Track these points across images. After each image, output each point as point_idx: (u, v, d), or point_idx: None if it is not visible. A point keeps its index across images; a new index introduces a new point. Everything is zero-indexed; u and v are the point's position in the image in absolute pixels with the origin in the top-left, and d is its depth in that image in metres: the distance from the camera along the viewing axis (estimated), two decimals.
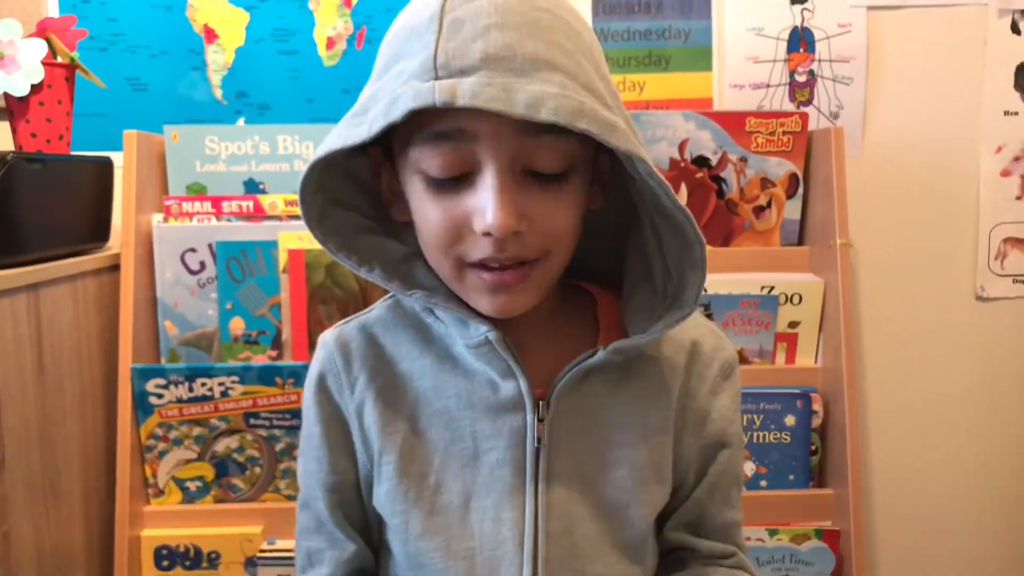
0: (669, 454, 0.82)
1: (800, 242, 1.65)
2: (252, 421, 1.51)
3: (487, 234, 0.69)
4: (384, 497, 0.80)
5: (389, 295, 0.86)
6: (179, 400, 1.49)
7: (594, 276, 0.86)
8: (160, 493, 1.52)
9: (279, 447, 1.52)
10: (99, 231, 1.51)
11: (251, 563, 1.49)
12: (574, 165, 0.72)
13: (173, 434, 1.50)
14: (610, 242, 0.84)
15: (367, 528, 0.86)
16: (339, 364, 0.82)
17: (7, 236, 1.22)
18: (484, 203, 0.68)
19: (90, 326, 1.44)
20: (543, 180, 0.71)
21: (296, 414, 1.51)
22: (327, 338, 0.85)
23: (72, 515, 1.38)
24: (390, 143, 0.76)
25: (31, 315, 1.26)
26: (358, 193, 0.81)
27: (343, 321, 0.87)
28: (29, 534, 1.24)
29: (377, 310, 0.86)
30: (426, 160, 0.70)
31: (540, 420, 0.77)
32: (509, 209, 0.68)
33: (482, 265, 0.72)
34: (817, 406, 1.57)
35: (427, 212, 0.72)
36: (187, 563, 1.50)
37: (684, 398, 0.83)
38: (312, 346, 1.58)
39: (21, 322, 1.23)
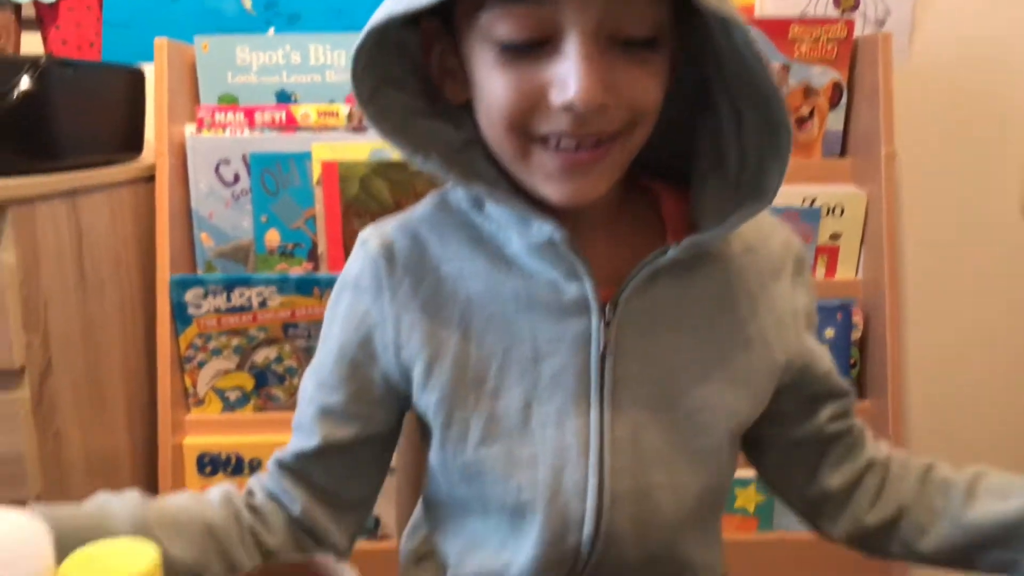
0: (744, 357, 0.78)
1: (843, 153, 1.61)
2: (290, 332, 1.52)
3: (568, 108, 0.64)
4: (436, 407, 0.76)
5: (433, 193, 0.83)
6: (217, 310, 1.49)
7: (653, 173, 0.82)
8: (200, 402, 1.54)
9: None
10: (133, 142, 1.50)
11: None
12: (662, 34, 0.67)
13: (212, 344, 1.51)
14: (671, 133, 0.78)
15: (347, 480, 0.80)
16: (381, 265, 0.77)
17: (43, 141, 1.21)
18: (566, 73, 0.63)
19: (127, 236, 1.45)
20: (630, 48, 0.65)
21: None
22: (368, 237, 0.80)
23: (116, 421, 1.41)
24: (448, 15, 0.71)
25: (71, 222, 1.26)
26: (410, 73, 0.75)
27: (384, 220, 0.82)
28: (77, 437, 1.27)
29: (421, 209, 0.81)
30: (500, 24, 0.65)
31: (606, 324, 0.75)
32: (595, 79, 0.63)
33: (554, 145, 0.67)
34: (857, 319, 1.56)
35: (495, 85, 0.67)
36: (229, 470, 1.52)
37: (759, 298, 0.79)
38: (348, 259, 1.58)
39: (61, 229, 1.23)
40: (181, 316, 1.49)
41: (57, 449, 1.21)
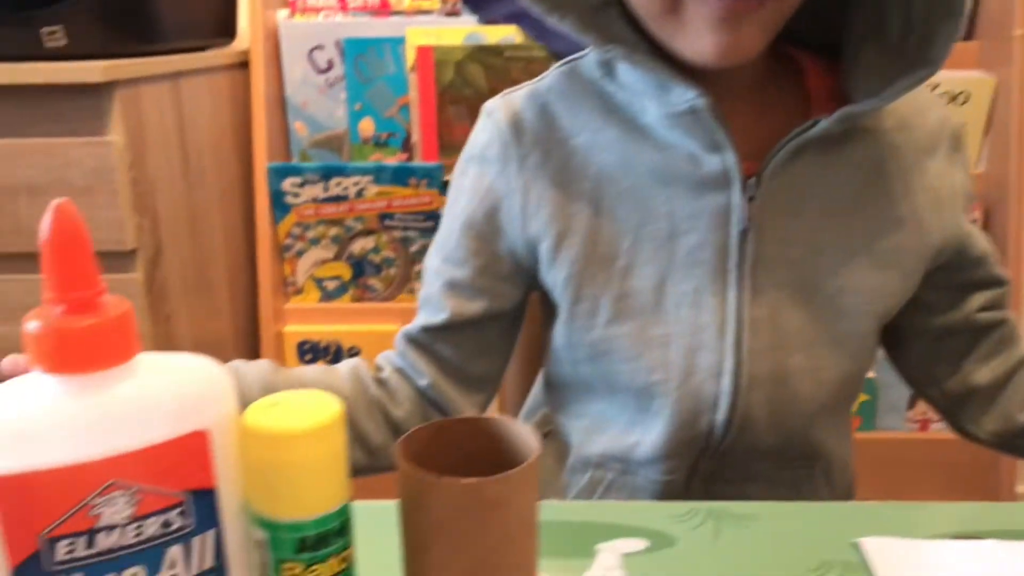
0: (894, 237, 0.73)
1: (969, 36, 1.50)
2: (387, 222, 1.51)
3: None
4: (564, 284, 0.74)
5: (560, 63, 0.79)
6: (314, 200, 1.49)
7: (798, 43, 0.76)
8: (299, 291, 1.55)
9: (413, 248, 1.52)
10: (227, 26, 1.47)
11: None
12: None
13: (310, 234, 1.51)
14: (819, 2, 0.74)
15: (475, 356, 0.79)
16: (508, 136, 0.74)
17: (145, 23, 1.20)
18: None
19: (225, 124, 1.44)
20: None
21: (430, 216, 1.49)
22: (494, 107, 0.76)
23: (220, 308, 1.42)
24: None
25: (173, 106, 1.25)
26: None
27: (510, 90, 0.79)
28: (186, 322, 1.29)
29: (549, 79, 0.78)
30: None
31: (748, 199, 0.71)
32: None
33: None
34: (976, 213, 1.47)
35: None
36: (328, 359, 1.54)
37: (912, 175, 0.75)
38: (443, 147, 1.55)
39: (165, 112, 1.22)
40: (279, 205, 1.49)
41: (168, 333, 1.23)
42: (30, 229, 1.16)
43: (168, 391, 0.36)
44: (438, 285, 0.77)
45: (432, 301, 0.78)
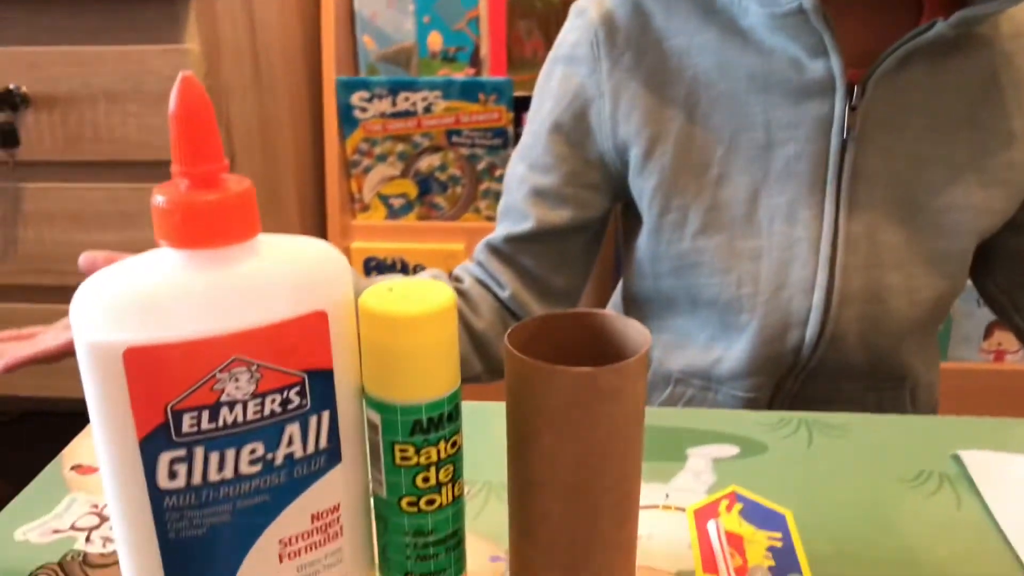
0: (1004, 154, 0.69)
1: None
2: (454, 139, 1.49)
3: None
4: (653, 192, 0.72)
5: None
6: (383, 115, 1.48)
7: None
8: (366, 208, 1.55)
9: (480, 167, 1.51)
10: None
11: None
12: None
13: (377, 150, 1.51)
14: None
15: (557, 267, 0.78)
16: (600, 35, 0.72)
17: None
18: None
19: (295, 36, 1.42)
20: None
21: (498, 133, 1.48)
22: (586, 5, 0.74)
23: (290, 222, 1.44)
24: None
25: (245, 16, 1.24)
26: None
27: None
28: None
29: None
30: None
31: (851, 108, 0.68)
32: None
33: None
34: None
35: None
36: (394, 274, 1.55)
37: None
38: (512, 63, 1.52)
39: (238, 22, 1.22)
40: (347, 119, 1.48)
41: None
42: (109, 136, 1.18)
43: (289, 270, 0.36)
44: (523, 192, 0.76)
45: (516, 209, 0.77)
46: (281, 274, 0.36)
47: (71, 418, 0.68)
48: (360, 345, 0.38)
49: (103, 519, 0.51)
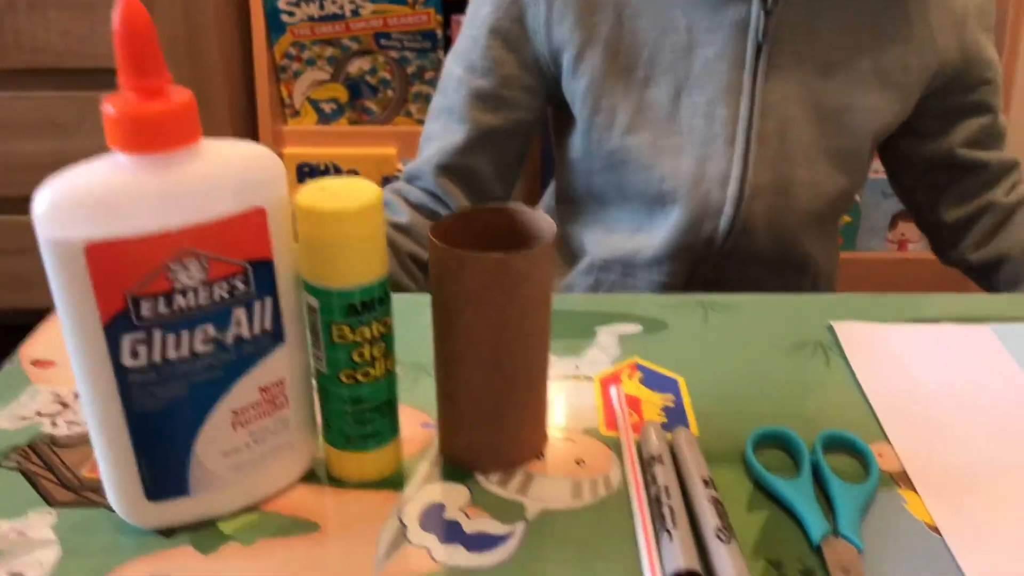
0: (901, 54, 0.75)
1: None
2: (383, 42, 1.50)
3: None
4: (584, 94, 0.77)
5: None
6: (310, 18, 1.47)
7: None
8: (296, 113, 1.56)
9: (410, 70, 1.52)
10: None
11: (387, 181, 1.57)
12: None
13: (306, 54, 1.51)
14: None
15: (494, 176, 0.82)
16: None
17: None
18: None
19: None
20: None
21: (427, 36, 1.49)
22: None
23: (220, 130, 1.44)
24: None
25: None
26: None
27: None
28: None
29: None
30: None
31: (767, 13, 0.72)
32: None
33: None
34: None
35: None
36: None
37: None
38: None
39: None
40: (274, 23, 1.48)
41: None
42: (32, 45, 1.16)
43: (231, 171, 0.40)
44: (461, 95, 0.80)
45: (453, 111, 0.80)
46: (223, 175, 0.40)
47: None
48: (297, 238, 0.43)
49: (65, 406, 0.55)
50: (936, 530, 0.45)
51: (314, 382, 0.47)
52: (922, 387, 0.56)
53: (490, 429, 0.48)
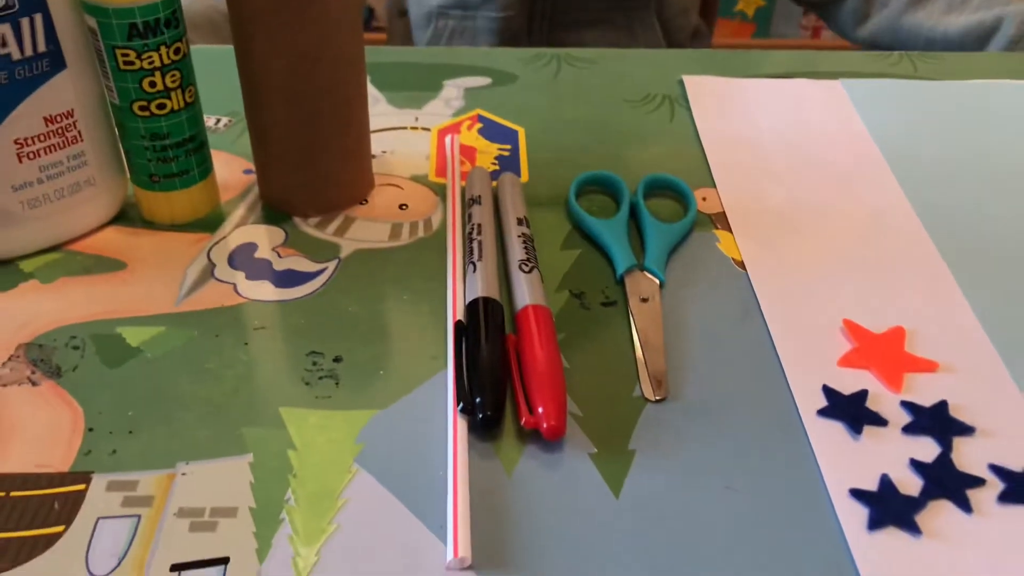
0: None
1: None
2: None
3: None
4: None
5: None
6: None
7: None
8: None
9: None
10: None
11: None
12: None
13: None
14: None
15: None
16: None
17: None
18: None
19: None
20: None
21: None
22: None
23: None
24: None
25: None
26: None
27: None
28: None
29: None
30: None
31: None
32: None
33: None
34: None
35: None
36: None
37: None
38: None
39: None
40: None
41: None
42: None
43: None
44: None
45: None
46: None
47: None
48: None
49: None
50: (742, 265, 0.46)
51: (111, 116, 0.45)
52: (760, 137, 0.56)
53: (304, 172, 0.47)
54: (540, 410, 0.35)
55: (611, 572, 0.31)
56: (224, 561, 0.31)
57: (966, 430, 0.37)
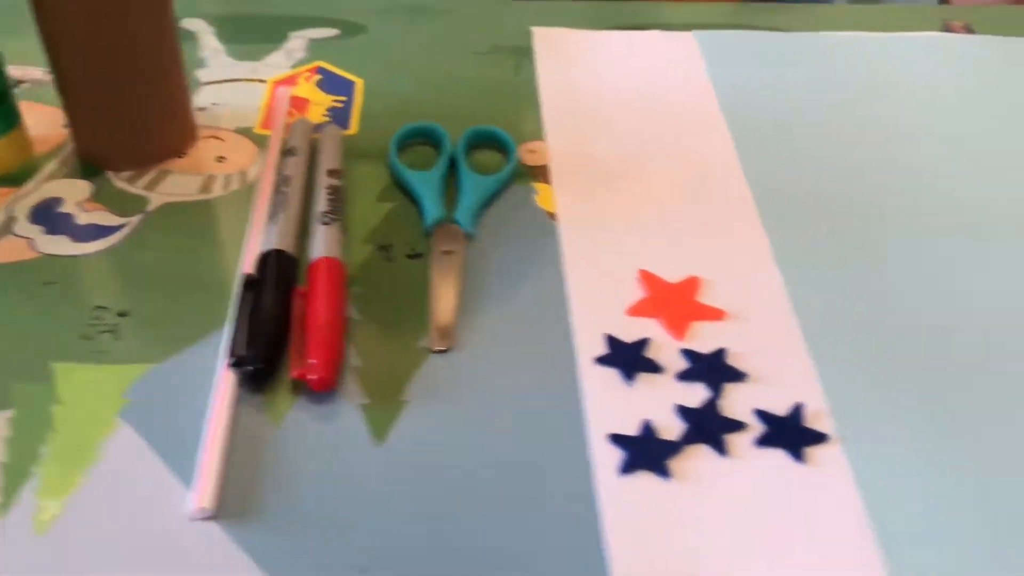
0: None
1: None
2: None
3: None
4: None
5: None
6: None
7: None
8: None
9: None
10: None
11: None
12: None
13: None
14: None
15: None
16: None
17: None
18: None
19: None
20: None
21: None
22: None
23: None
24: None
25: None
26: None
27: None
28: None
29: None
30: None
31: None
32: None
33: None
34: None
35: None
36: None
37: None
38: None
39: None
40: None
41: None
42: None
43: None
44: None
45: None
46: None
47: None
48: None
49: None
50: (555, 217, 0.46)
51: None
52: (601, 90, 0.56)
53: (113, 125, 0.46)
54: (311, 362, 0.35)
55: (364, 516, 0.31)
56: None
57: (738, 376, 0.37)
